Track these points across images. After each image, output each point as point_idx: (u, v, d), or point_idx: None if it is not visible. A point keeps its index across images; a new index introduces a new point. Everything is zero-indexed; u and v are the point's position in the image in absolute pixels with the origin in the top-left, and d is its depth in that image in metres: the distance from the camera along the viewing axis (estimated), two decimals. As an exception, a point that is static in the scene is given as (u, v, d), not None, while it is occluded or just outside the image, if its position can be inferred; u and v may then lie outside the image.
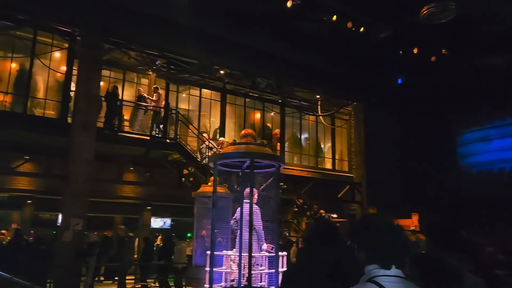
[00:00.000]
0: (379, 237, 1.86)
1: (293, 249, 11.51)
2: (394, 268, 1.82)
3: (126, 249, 11.88)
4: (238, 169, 5.64)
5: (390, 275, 1.80)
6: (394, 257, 1.84)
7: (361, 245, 1.93)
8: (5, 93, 12.17)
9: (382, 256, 1.84)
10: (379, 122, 15.96)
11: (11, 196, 14.62)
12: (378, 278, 1.79)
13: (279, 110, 18.54)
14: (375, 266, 1.84)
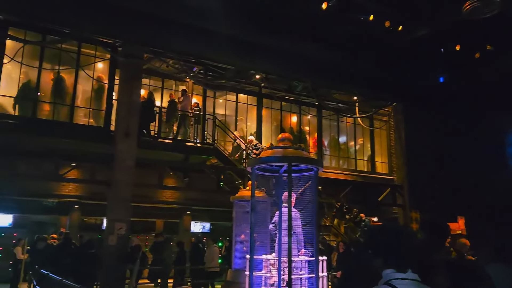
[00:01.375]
0: (394, 243, 1.97)
1: (335, 253, 11.33)
2: (410, 272, 1.91)
3: (166, 253, 12.15)
4: (276, 173, 5.63)
5: (405, 278, 1.88)
6: (409, 262, 1.94)
7: (377, 251, 2.02)
8: (52, 103, 12.81)
9: (398, 260, 1.94)
10: (420, 122, 15.45)
11: (60, 202, 15.32)
12: (394, 281, 1.88)
13: (315, 113, 18.39)
14: (392, 270, 1.93)
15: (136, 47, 11.91)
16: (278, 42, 12.48)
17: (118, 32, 11.70)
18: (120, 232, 10.73)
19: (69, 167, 12.27)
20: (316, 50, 12.84)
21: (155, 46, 12.36)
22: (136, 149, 11.32)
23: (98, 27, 11.45)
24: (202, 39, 11.79)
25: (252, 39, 12.29)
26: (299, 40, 12.38)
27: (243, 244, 8.87)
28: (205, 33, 11.56)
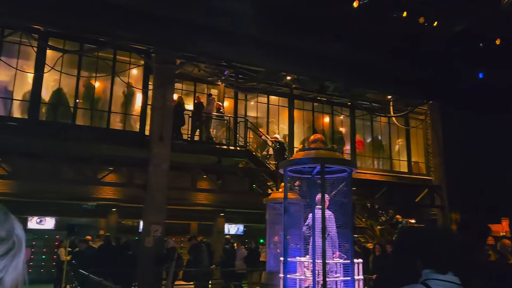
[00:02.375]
0: (433, 245, 1.96)
1: (372, 256, 11.09)
2: (450, 274, 1.89)
3: (202, 255, 12.30)
4: (309, 175, 5.58)
5: (442, 279, 1.87)
6: (450, 263, 1.92)
7: (416, 253, 2.03)
8: (90, 109, 13.27)
9: (438, 261, 1.93)
10: (458, 120, 14.92)
11: (99, 205, 15.84)
12: (430, 281, 1.89)
13: (348, 113, 18.12)
14: (430, 271, 1.93)
15: (169, 53, 12.17)
16: (310, 43, 12.41)
17: (152, 39, 12.02)
18: (156, 234, 10.95)
19: (107, 171, 12.65)
20: (349, 50, 12.67)
21: (187, 51, 12.59)
22: (170, 152, 11.55)
23: (133, 35, 11.82)
24: (234, 42, 11.89)
25: (283, 41, 12.27)
26: (331, 40, 12.25)
27: (277, 246, 8.84)
28: (237, 37, 11.65)
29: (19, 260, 0.97)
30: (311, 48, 12.58)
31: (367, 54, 13.04)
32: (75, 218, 17.02)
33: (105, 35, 12.10)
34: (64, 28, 12.10)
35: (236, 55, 12.85)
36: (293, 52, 12.63)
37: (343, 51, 12.68)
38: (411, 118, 18.94)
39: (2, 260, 0.93)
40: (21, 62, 12.30)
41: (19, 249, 0.98)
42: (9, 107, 12.34)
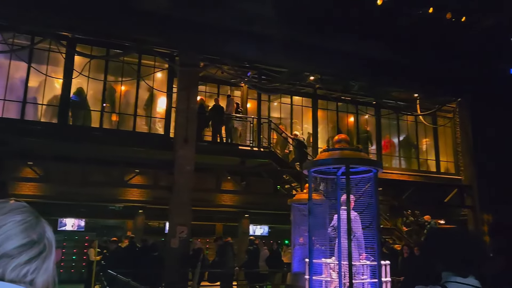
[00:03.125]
0: (455, 247, 1.94)
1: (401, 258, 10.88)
2: (471, 277, 1.86)
3: (227, 256, 12.34)
4: (333, 176, 5.52)
5: (461, 282, 1.84)
6: (471, 267, 1.89)
7: (438, 254, 2.01)
8: (116, 113, 13.55)
9: (458, 264, 1.91)
10: (488, 117, 14.45)
11: (125, 207, 16.14)
12: (449, 284, 1.86)
13: (373, 112, 17.83)
14: (450, 273, 1.91)
15: (192, 56, 12.31)
16: (333, 42, 12.29)
17: (176, 42, 12.19)
18: (182, 235, 11.08)
19: (133, 174, 12.88)
20: (373, 48, 12.49)
21: (211, 53, 12.69)
22: (194, 154, 11.66)
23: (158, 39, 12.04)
24: (257, 44, 11.92)
25: (306, 41, 12.22)
26: (355, 39, 12.10)
27: (302, 247, 8.79)
28: (260, 38, 11.67)
29: (49, 262, 1.00)
30: (335, 47, 12.46)
31: (392, 52, 12.81)
32: (103, 220, 17.42)
33: (130, 40, 12.35)
34: (92, 35, 12.43)
35: (260, 56, 12.87)
36: (316, 52, 12.55)
37: (368, 50, 12.50)
38: (439, 116, 18.47)
39: (34, 262, 0.97)
40: (50, 68, 12.68)
41: (50, 252, 1.01)
42: (40, 112, 12.74)
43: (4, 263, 0.93)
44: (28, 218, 1.01)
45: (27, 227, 0.99)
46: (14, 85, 12.48)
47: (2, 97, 12.07)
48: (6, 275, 0.93)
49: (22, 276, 0.95)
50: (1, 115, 11.93)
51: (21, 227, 0.98)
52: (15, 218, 0.99)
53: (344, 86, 16.13)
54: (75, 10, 10.72)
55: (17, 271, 0.94)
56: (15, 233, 0.97)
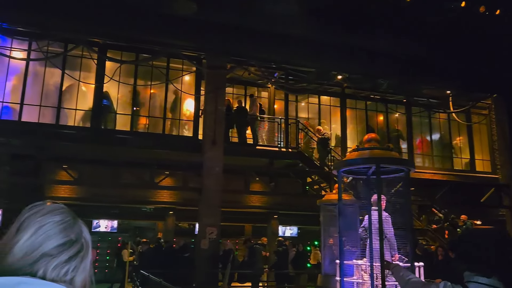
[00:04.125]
0: (479, 248, 1.93)
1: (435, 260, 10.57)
2: (494, 278, 1.85)
3: (257, 257, 12.35)
4: (363, 176, 5.42)
5: (483, 283, 1.84)
6: (492, 268, 1.87)
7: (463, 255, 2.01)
8: (146, 116, 13.82)
9: (479, 265, 1.91)
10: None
11: (156, 208, 16.43)
12: (470, 284, 1.87)
13: (404, 110, 17.44)
14: (473, 274, 1.91)
15: (219, 58, 12.41)
16: (362, 40, 12.11)
17: (203, 45, 12.33)
18: (212, 236, 11.16)
19: (163, 176, 13.08)
20: (403, 45, 12.21)
21: (237, 55, 12.76)
22: (223, 156, 11.74)
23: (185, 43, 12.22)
24: (284, 44, 11.89)
25: (334, 40, 12.09)
26: (383, 36, 11.87)
27: (333, 249, 8.67)
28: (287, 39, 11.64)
29: (87, 261, 1.04)
30: (363, 45, 12.27)
31: (423, 49, 12.49)
32: (135, 221, 17.78)
33: (159, 44, 12.58)
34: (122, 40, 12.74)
35: (287, 57, 12.84)
36: (344, 51, 12.39)
37: (398, 47, 12.24)
38: (473, 113, 17.86)
39: (73, 261, 1.00)
40: (83, 74, 13.08)
41: (87, 251, 1.04)
42: (73, 117, 13.15)
43: (45, 262, 0.96)
44: (66, 219, 1.04)
45: (65, 227, 1.02)
46: (49, 91, 12.94)
47: (38, 103, 12.53)
48: (47, 274, 0.96)
49: (63, 275, 0.97)
50: (38, 121, 12.39)
51: (60, 227, 1.01)
52: (54, 219, 1.02)
53: (372, 85, 15.85)
54: (106, 18, 11.02)
55: (58, 270, 0.97)
56: (54, 233, 1.00)
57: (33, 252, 0.97)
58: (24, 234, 0.98)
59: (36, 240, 0.98)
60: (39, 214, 1.02)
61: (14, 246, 0.97)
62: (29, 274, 0.94)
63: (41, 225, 1.00)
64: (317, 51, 12.27)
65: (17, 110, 12.42)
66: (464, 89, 15.15)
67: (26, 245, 0.97)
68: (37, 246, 0.97)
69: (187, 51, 12.93)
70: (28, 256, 0.96)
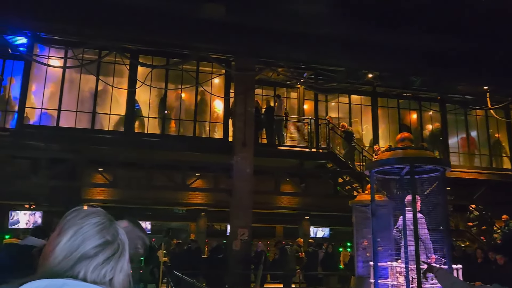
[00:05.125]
0: None
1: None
2: None
3: (288, 258, 12.32)
4: (397, 176, 5.30)
5: None
6: None
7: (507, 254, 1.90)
8: (177, 119, 14.05)
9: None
10: None
11: (188, 210, 16.66)
12: None
13: (438, 108, 16.93)
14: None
15: (248, 60, 12.46)
16: (392, 37, 11.85)
17: (232, 48, 12.43)
18: (243, 237, 11.21)
19: (194, 178, 13.25)
20: (434, 41, 11.86)
21: (266, 57, 12.78)
22: (253, 157, 11.78)
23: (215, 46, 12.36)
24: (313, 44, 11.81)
25: (363, 38, 11.90)
26: (414, 32, 11.58)
27: (366, 250, 8.53)
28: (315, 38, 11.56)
29: (124, 262, 1.07)
30: (394, 42, 12.01)
31: (457, 43, 12.09)
32: (168, 222, 18.10)
33: (189, 48, 12.78)
34: (153, 45, 13.03)
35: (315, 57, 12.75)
36: (375, 48, 12.17)
37: (429, 42, 11.90)
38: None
39: (110, 262, 1.03)
40: (116, 79, 13.45)
41: (123, 252, 1.08)
42: (108, 121, 13.55)
43: (85, 264, 1.00)
44: (102, 221, 1.08)
45: (102, 229, 1.06)
46: (85, 97, 13.39)
47: (75, 109, 12.98)
48: (88, 276, 1.00)
49: (102, 276, 1.01)
50: (74, 126, 12.83)
51: (97, 229, 1.05)
52: (91, 221, 1.06)
53: (405, 82, 15.48)
54: (137, 24, 11.30)
55: (97, 272, 1.01)
56: (91, 234, 1.04)
57: (72, 253, 1.01)
58: (64, 236, 1.03)
59: (74, 241, 1.02)
60: (78, 217, 1.07)
61: (55, 248, 1.02)
62: (70, 276, 0.98)
63: (79, 227, 1.04)
64: (346, 49, 12.10)
65: (55, 116, 12.91)
66: (502, 84, 14.54)
67: (65, 247, 1.01)
68: (76, 247, 1.01)
69: (216, 54, 13.06)
70: (68, 258, 1.00)
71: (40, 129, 12.65)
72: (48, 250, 1.03)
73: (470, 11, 10.94)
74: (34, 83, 13.24)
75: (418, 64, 12.99)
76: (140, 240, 2.21)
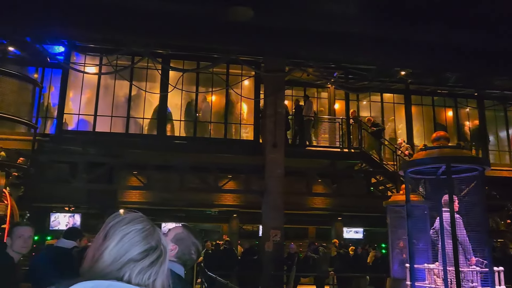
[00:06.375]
0: None
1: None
2: None
3: (321, 259, 12.22)
4: (432, 176, 5.16)
5: None
6: None
7: None
8: (208, 122, 14.23)
9: None
10: None
11: (220, 211, 16.82)
12: None
13: (475, 104, 16.35)
14: None
15: (277, 61, 12.46)
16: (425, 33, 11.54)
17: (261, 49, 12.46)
18: (276, 238, 11.21)
19: (226, 179, 13.37)
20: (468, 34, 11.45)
21: (296, 57, 12.74)
22: (284, 158, 11.76)
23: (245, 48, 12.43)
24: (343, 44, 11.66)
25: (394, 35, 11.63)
26: (447, 27, 11.22)
27: (402, 251, 8.35)
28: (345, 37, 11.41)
29: (165, 266, 1.12)
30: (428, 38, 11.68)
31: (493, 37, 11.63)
32: (201, 224, 18.34)
33: (218, 51, 12.93)
34: (183, 50, 13.26)
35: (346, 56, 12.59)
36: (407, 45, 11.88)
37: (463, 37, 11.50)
38: (556, 103, 16.31)
39: (154, 267, 1.08)
40: (148, 84, 13.78)
41: (165, 257, 1.13)
42: (141, 125, 13.89)
43: (130, 267, 1.05)
44: (147, 227, 1.13)
45: (147, 235, 1.11)
46: (119, 102, 13.79)
47: (110, 114, 13.39)
48: (132, 278, 1.05)
49: (146, 279, 1.06)
50: (110, 130, 13.24)
51: (142, 235, 1.10)
52: (136, 227, 1.11)
53: (439, 79, 15.04)
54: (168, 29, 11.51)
55: (142, 275, 1.06)
56: (138, 240, 1.09)
57: (120, 258, 1.06)
58: (111, 241, 1.08)
59: (122, 247, 1.07)
60: (123, 222, 1.12)
61: (103, 252, 1.07)
62: (115, 278, 1.03)
63: (125, 233, 1.09)
64: (377, 47, 11.87)
65: (91, 121, 13.36)
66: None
67: (114, 252, 1.07)
68: (124, 252, 1.07)
69: (245, 56, 13.14)
70: (116, 262, 1.06)
71: (78, 134, 13.13)
72: (95, 254, 1.08)
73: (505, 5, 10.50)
74: (71, 90, 13.78)
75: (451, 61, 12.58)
76: (194, 246, 2.27)
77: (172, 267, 2.09)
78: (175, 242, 2.23)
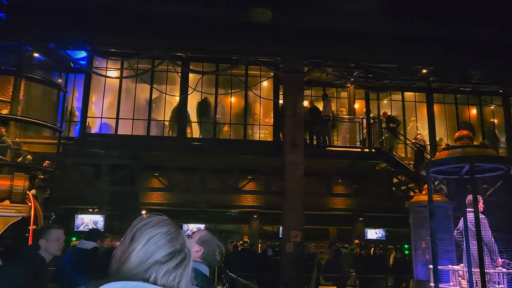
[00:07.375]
0: None
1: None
2: None
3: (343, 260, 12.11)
4: (456, 175, 5.07)
5: None
6: None
7: None
8: (227, 123, 14.31)
9: None
10: None
11: (241, 212, 16.88)
12: None
13: (500, 101, 15.93)
14: None
15: (296, 62, 12.43)
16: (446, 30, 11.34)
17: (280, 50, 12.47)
18: (296, 239, 11.18)
19: (246, 180, 13.41)
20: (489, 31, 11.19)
21: (315, 57, 12.68)
22: (303, 159, 11.72)
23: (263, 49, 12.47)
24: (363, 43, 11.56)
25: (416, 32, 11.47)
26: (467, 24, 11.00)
27: (425, 253, 8.20)
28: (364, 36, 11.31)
29: (189, 268, 1.16)
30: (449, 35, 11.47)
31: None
32: (222, 225, 18.44)
33: (237, 53, 12.99)
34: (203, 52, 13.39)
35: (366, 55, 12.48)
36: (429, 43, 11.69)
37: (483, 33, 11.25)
38: None
39: (179, 269, 1.12)
40: (169, 87, 13.96)
41: (189, 259, 1.17)
42: (162, 127, 14.08)
43: (156, 269, 1.09)
44: (171, 230, 1.17)
45: (172, 238, 1.15)
46: (140, 105, 14.02)
47: (131, 117, 13.62)
48: (158, 280, 1.08)
49: (172, 280, 1.10)
50: (131, 133, 13.46)
51: (168, 238, 1.14)
52: (161, 230, 1.15)
53: (462, 76, 14.71)
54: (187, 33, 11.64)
55: (167, 276, 1.09)
56: (164, 243, 1.13)
57: (147, 260, 1.10)
58: (138, 244, 1.12)
59: (148, 249, 1.11)
60: (148, 225, 1.16)
61: (130, 254, 1.11)
62: (141, 279, 1.07)
63: (151, 236, 1.13)
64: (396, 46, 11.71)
65: (113, 124, 13.62)
66: None
67: (140, 254, 1.11)
68: (150, 254, 1.11)
69: (264, 57, 13.16)
70: (143, 264, 1.10)
71: (100, 137, 13.40)
72: (123, 255, 1.12)
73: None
74: (94, 94, 14.08)
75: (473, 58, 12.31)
76: (218, 248, 2.32)
77: (199, 267, 2.17)
78: (200, 244, 2.28)
